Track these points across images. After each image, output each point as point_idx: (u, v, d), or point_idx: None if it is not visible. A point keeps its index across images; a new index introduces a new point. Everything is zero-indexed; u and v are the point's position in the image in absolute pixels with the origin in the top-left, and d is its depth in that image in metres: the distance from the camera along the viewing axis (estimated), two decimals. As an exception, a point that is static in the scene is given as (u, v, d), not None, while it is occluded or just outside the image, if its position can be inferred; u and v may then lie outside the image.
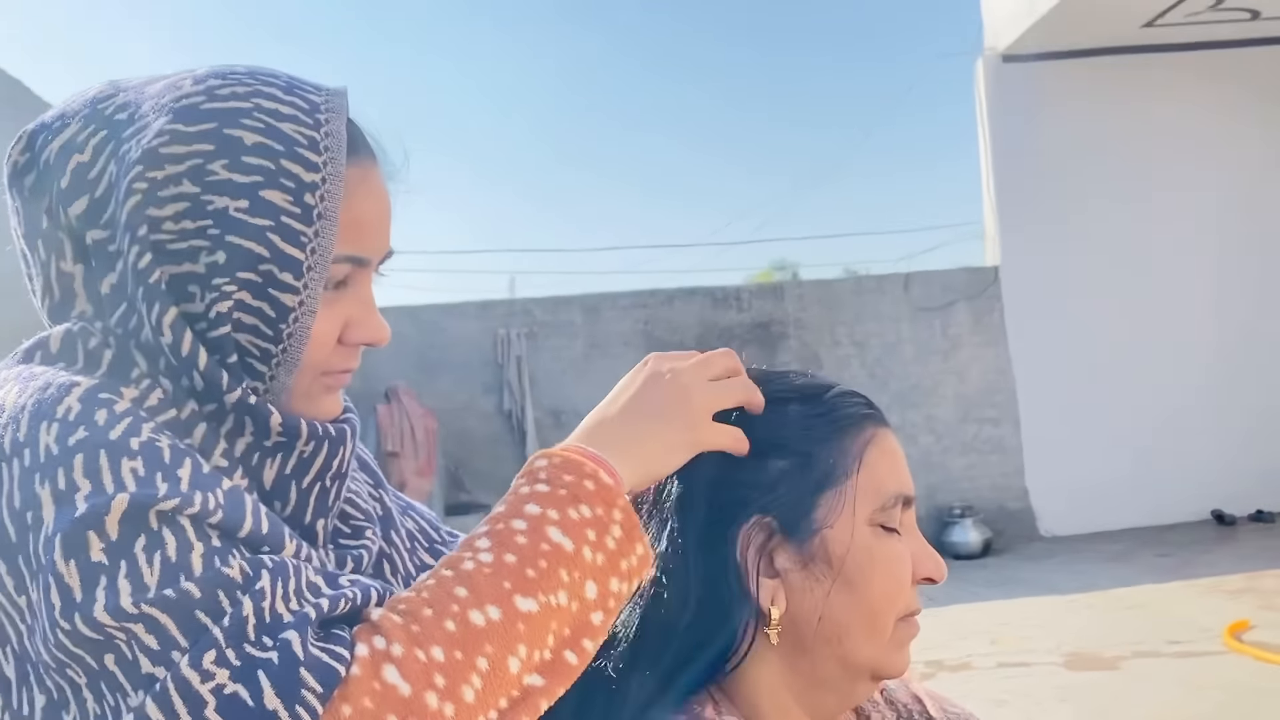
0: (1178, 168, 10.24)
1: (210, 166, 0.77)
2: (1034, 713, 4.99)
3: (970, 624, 6.88)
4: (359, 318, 0.85)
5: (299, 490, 0.84)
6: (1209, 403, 10.09)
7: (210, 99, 0.79)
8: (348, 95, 0.85)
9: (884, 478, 0.92)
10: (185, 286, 0.77)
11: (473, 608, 0.70)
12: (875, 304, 10.40)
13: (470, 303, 10.29)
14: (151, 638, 0.64)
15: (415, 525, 1.05)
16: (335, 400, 0.89)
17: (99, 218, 0.79)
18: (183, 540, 0.67)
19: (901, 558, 0.91)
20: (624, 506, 0.79)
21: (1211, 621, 6.28)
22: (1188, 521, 9.96)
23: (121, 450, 0.69)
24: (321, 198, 0.79)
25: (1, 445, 0.70)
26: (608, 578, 0.77)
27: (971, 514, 9.77)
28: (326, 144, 0.80)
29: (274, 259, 0.77)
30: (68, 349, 0.79)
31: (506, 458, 10.06)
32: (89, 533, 0.66)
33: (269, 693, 0.63)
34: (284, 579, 0.69)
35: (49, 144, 0.81)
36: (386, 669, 0.66)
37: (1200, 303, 10.20)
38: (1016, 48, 10.09)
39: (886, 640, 0.90)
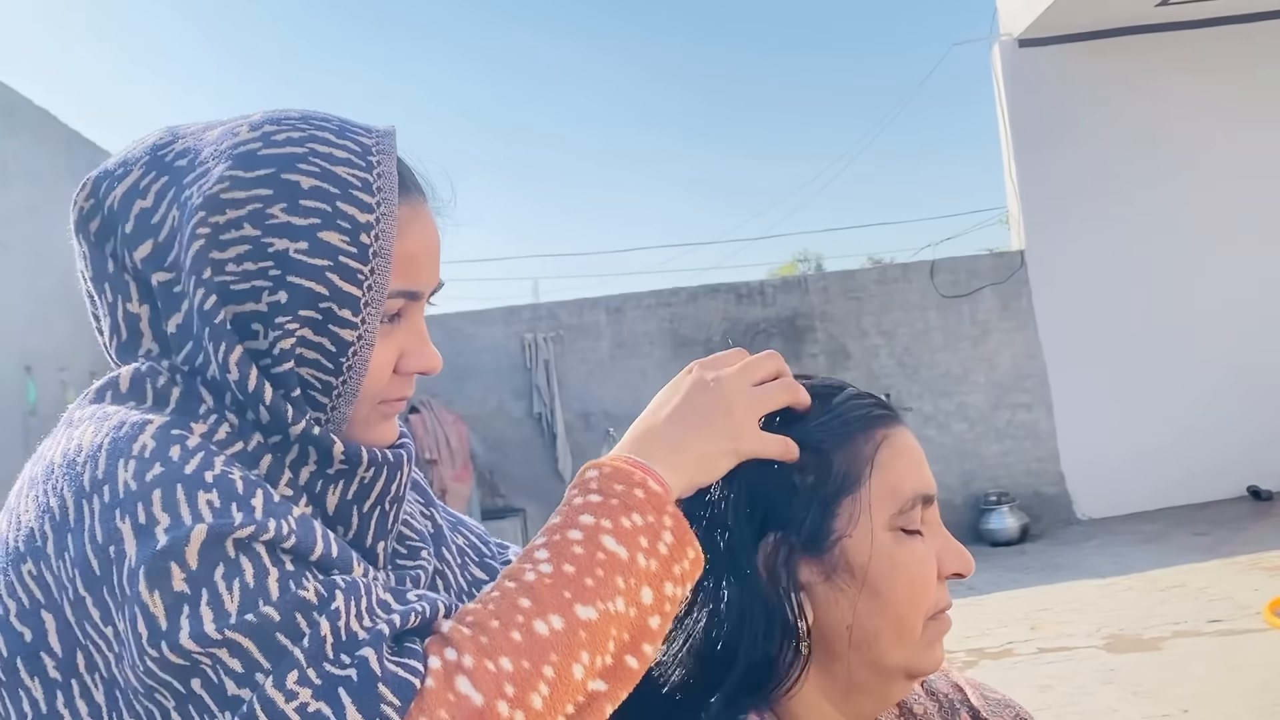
0: (1200, 142, 10.16)
1: (270, 210, 0.80)
2: (1077, 696, 4.99)
3: (1010, 611, 6.87)
4: (413, 348, 0.89)
5: (360, 515, 0.87)
6: (1241, 378, 10.00)
7: (267, 145, 0.82)
8: (395, 135, 0.89)
9: (900, 479, 0.91)
10: (249, 325, 0.81)
11: (537, 617, 0.73)
12: (901, 293, 10.38)
13: (496, 309, 10.34)
14: (236, 661, 0.67)
15: (465, 540, 1.08)
16: (392, 426, 0.92)
17: (163, 260, 0.83)
18: (259, 566, 0.71)
19: (924, 560, 0.90)
20: (673, 513, 0.82)
21: (1251, 599, 6.25)
22: (1224, 499, 9.89)
23: (197, 483, 0.72)
24: (376, 237, 0.82)
25: (81, 483, 0.73)
26: (662, 582, 0.79)
27: (1007, 500, 9.74)
28: (379, 184, 0.84)
29: (333, 297, 0.81)
30: (137, 388, 0.82)
31: (538, 461, 10.10)
32: (171, 564, 0.69)
33: (351, 709, 0.66)
34: (356, 598, 0.73)
35: (113, 190, 0.85)
36: (459, 680, 0.69)
37: (1229, 278, 10.11)
38: (1032, 32, 10.05)
39: (917, 641, 0.90)
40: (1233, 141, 10.18)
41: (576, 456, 10.00)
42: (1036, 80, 10.22)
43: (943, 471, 10.06)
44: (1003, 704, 1.06)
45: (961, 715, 1.03)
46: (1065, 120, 10.18)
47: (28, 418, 8.04)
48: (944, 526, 0.95)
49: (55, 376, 8.49)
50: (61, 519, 0.73)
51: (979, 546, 9.43)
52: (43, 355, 8.37)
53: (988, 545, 9.43)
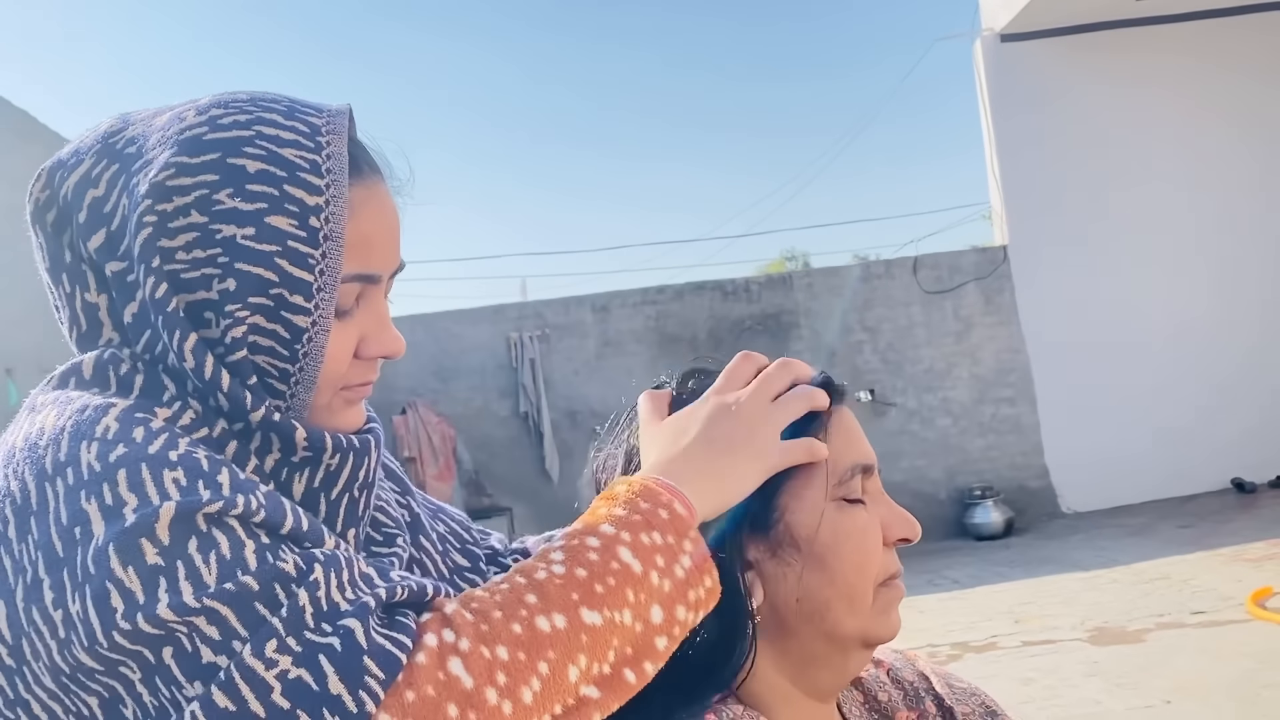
0: (1181, 136, 10.22)
1: (216, 196, 0.79)
2: (1061, 689, 5.00)
3: (995, 604, 6.90)
4: (373, 332, 0.88)
5: (328, 502, 0.86)
6: (1225, 371, 10.06)
7: (213, 129, 0.81)
8: (350, 114, 0.87)
9: (839, 452, 0.92)
10: (201, 313, 0.80)
11: (540, 614, 0.73)
12: (885, 289, 10.40)
13: (483, 308, 10.33)
14: (213, 629, 0.67)
15: (446, 527, 1.07)
16: (358, 412, 0.91)
17: (116, 249, 0.82)
18: (234, 539, 0.70)
19: (867, 527, 0.91)
20: (695, 539, 0.81)
21: (1235, 590, 6.28)
22: (1208, 491, 9.95)
23: (162, 462, 0.72)
24: (326, 220, 0.81)
25: (43, 465, 0.72)
26: (674, 604, 0.78)
27: (992, 494, 9.77)
28: (328, 166, 0.82)
29: (283, 283, 0.79)
30: (100, 375, 0.82)
31: (525, 460, 10.10)
32: (141, 540, 0.68)
33: (333, 677, 0.66)
34: (337, 570, 0.72)
35: (66, 180, 0.84)
36: (452, 661, 0.69)
37: (1212, 270, 10.17)
38: (1014, 27, 10.09)
39: (869, 608, 0.91)
40: (1213, 135, 10.24)
41: (563, 455, 10.00)
42: (1018, 75, 10.25)
43: (927, 466, 10.09)
44: (968, 692, 1.07)
45: (926, 703, 1.03)
46: (1047, 115, 10.22)
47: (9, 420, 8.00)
48: (886, 495, 0.96)
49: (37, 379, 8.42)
50: (23, 503, 0.72)
51: (964, 541, 9.46)
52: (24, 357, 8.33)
53: (972, 539, 9.47)
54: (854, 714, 1.01)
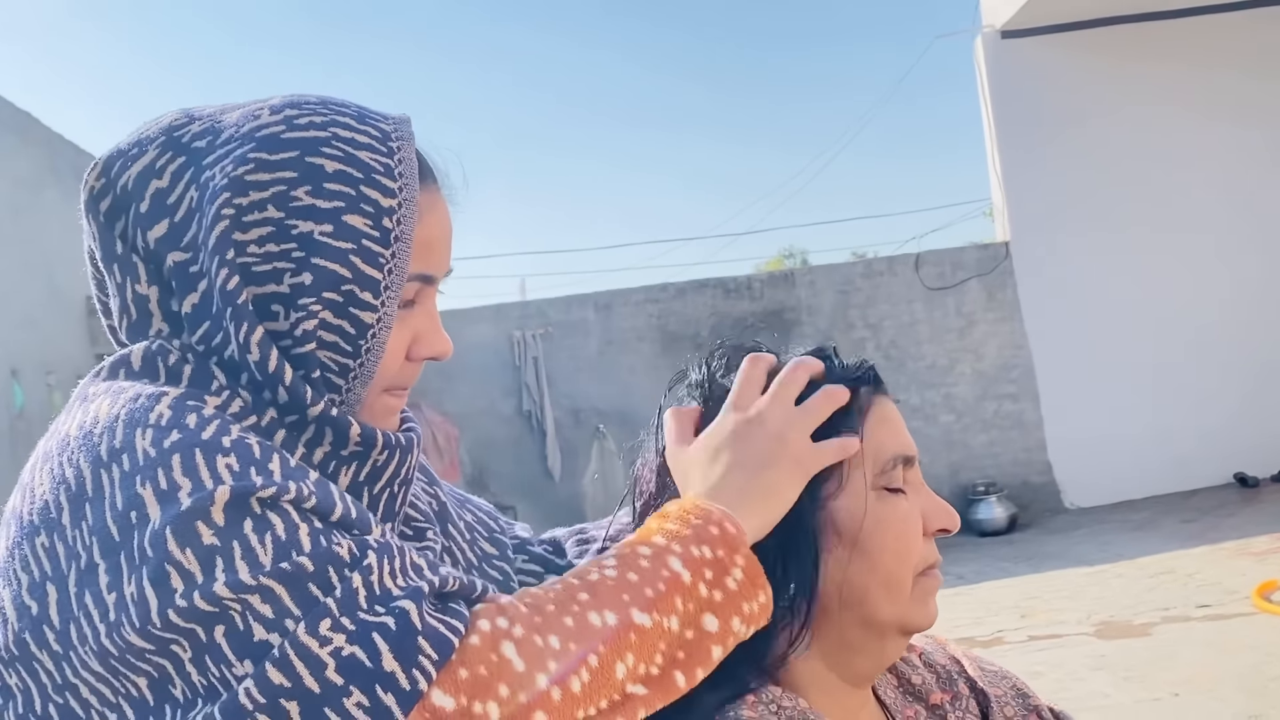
0: (1183, 130, 10.23)
1: (294, 193, 0.82)
2: (1068, 682, 5.02)
3: (1000, 600, 6.91)
4: (426, 333, 0.91)
5: (370, 496, 0.88)
6: (1226, 367, 10.08)
7: (290, 128, 0.84)
8: (411, 122, 0.90)
9: (883, 442, 0.93)
10: (269, 306, 0.82)
11: (592, 610, 0.75)
12: (887, 286, 10.42)
13: (484, 307, 10.34)
14: (267, 607, 0.68)
15: (474, 516, 1.09)
16: (396, 420, 0.94)
17: (179, 240, 0.83)
18: (289, 522, 0.72)
19: (908, 517, 0.93)
20: (747, 555, 0.82)
21: (1239, 584, 6.30)
22: (1211, 486, 9.96)
23: (215, 448, 0.73)
24: (398, 221, 0.84)
25: (99, 453, 0.74)
26: (730, 616, 0.80)
27: (995, 490, 9.79)
28: (400, 170, 0.85)
29: (355, 280, 0.82)
30: (149, 365, 0.83)
31: (528, 458, 10.11)
32: (197, 523, 0.69)
33: (387, 655, 0.67)
34: (390, 557, 0.74)
35: (126, 170, 0.86)
36: (505, 645, 0.71)
37: (1213, 266, 10.18)
38: (1015, 23, 10.10)
39: (908, 596, 0.92)
40: (1215, 130, 10.25)
41: (566, 454, 10.01)
42: (1020, 71, 10.26)
43: (930, 463, 10.10)
44: (999, 675, 1.08)
45: (959, 685, 1.04)
46: (1049, 111, 10.23)
47: (15, 422, 8.02)
48: (927, 486, 0.97)
49: (42, 380, 8.46)
50: (79, 489, 0.73)
51: (968, 537, 9.47)
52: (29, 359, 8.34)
53: (976, 535, 9.48)
54: (888, 697, 1.02)
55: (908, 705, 1.02)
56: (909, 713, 1.01)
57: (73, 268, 8.05)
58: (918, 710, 1.02)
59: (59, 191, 8.95)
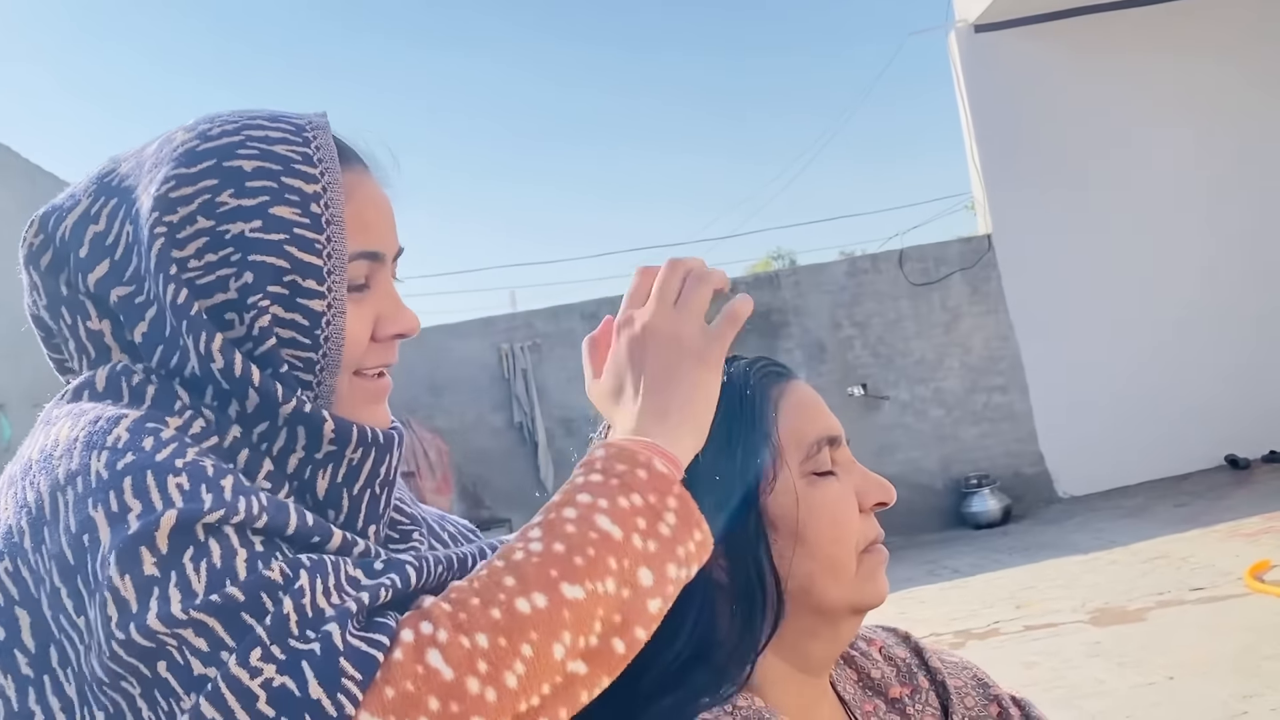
0: (1160, 116, 10.28)
1: (219, 199, 0.83)
2: (1064, 670, 5.03)
3: (995, 591, 6.93)
4: (388, 312, 0.91)
5: (350, 498, 0.88)
6: (1213, 349, 10.12)
7: (204, 140, 0.85)
8: (327, 115, 0.92)
9: (802, 427, 0.94)
10: (222, 315, 0.83)
11: (519, 595, 0.73)
12: (872, 283, 10.44)
13: (472, 321, 10.35)
14: (201, 640, 0.68)
15: (455, 529, 1.10)
16: (383, 411, 0.93)
17: (122, 275, 0.85)
18: (227, 548, 0.72)
19: (840, 497, 0.93)
20: (679, 494, 0.80)
21: (1232, 565, 6.32)
22: (1202, 469, 10.00)
23: (167, 469, 0.74)
24: (326, 205, 0.85)
25: (56, 476, 0.75)
26: (664, 564, 0.78)
27: (988, 483, 9.81)
28: (319, 155, 0.87)
29: (295, 269, 0.83)
30: (113, 386, 0.84)
31: (521, 470, 10.11)
32: (141, 548, 0.70)
33: (313, 683, 0.67)
34: (323, 576, 0.73)
35: (63, 222, 0.87)
36: (430, 653, 0.70)
37: (1196, 250, 10.23)
38: (987, 17, 10.14)
39: (853, 576, 0.93)
40: (1190, 115, 10.30)
41: (559, 464, 10.01)
42: (994, 65, 10.31)
43: (922, 458, 10.12)
44: (960, 666, 1.09)
45: (919, 678, 1.05)
46: (1025, 103, 10.27)
47: (2, 455, 8.00)
48: (857, 463, 0.97)
49: (29, 413, 8.42)
50: (38, 513, 0.74)
51: (962, 530, 9.50)
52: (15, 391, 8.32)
53: (970, 528, 9.50)
54: (848, 692, 1.02)
55: (867, 700, 1.03)
56: (868, 707, 1.02)
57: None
58: (877, 704, 1.03)
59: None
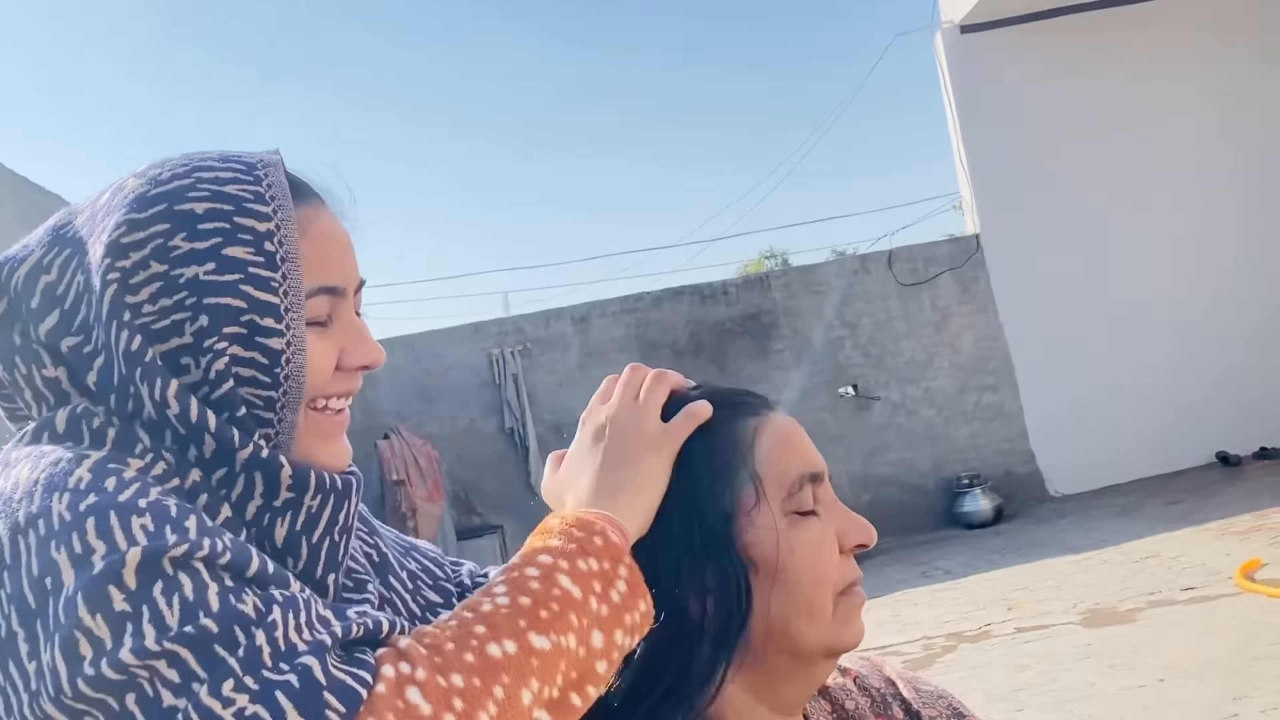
0: (1146, 114, 10.31)
1: (171, 243, 0.82)
2: (1055, 673, 5.03)
3: (987, 593, 6.93)
4: (351, 344, 0.90)
5: (310, 546, 0.88)
6: (1203, 346, 10.14)
7: (155, 185, 0.85)
8: (280, 153, 0.91)
9: (783, 464, 0.91)
10: (178, 360, 0.82)
11: (491, 641, 0.74)
12: (862, 283, 10.45)
13: (462, 326, 10.33)
14: (173, 672, 0.68)
15: (417, 565, 1.08)
16: (342, 448, 0.93)
17: (70, 325, 0.84)
18: (198, 581, 0.71)
19: (821, 539, 0.90)
20: (629, 564, 0.83)
21: (1223, 564, 6.33)
22: (1194, 467, 10.02)
23: (130, 509, 0.73)
24: (280, 242, 0.84)
25: (16, 519, 0.74)
26: (613, 629, 0.80)
27: (980, 482, 9.81)
28: (271, 193, 0.86)
29: (252, 308, 0.82)
30: (73, 428, 0.83)
31: (512, 476, 10.09)
32: (109, 587, 0.69)
33: (291, 712, 0.66)
34: (295, 612, 0.73)
35: (15, 272, 0.87)
36: (410, 690, 0.70)
37: (1182, 246, 10.25)
38: (973, 18, 10.16)
39: (829, 619, 0.90)
40: (1177, 111, 10.32)
41: (550, 469, 9.99)
42: (980, 65, 10.32)
43: (914, 457, 10.12)
44: (935, 695, 1.07)
45: (894, 709, 1.04)
46: (1011, 102, 10.29)
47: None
48: (840, 502, 0.95)
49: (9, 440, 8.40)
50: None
51: (954, 530, 9.50)
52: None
53: (963, 528, 9.50)
54: (821, 724, 1.01)
55: (841, 732, 1.02)
56: (842, 740, 1.01)
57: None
58: (851, 736, 1.02)
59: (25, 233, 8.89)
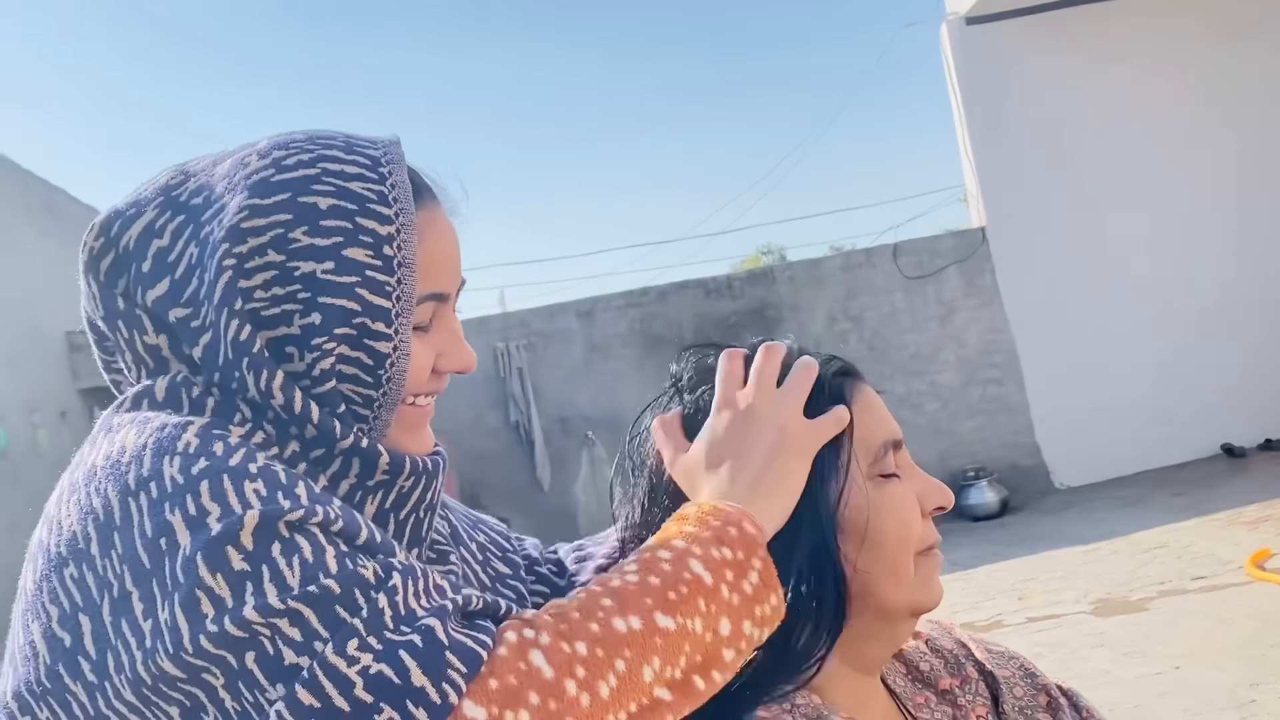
0: (1151, 106, 10.29)
1: (292, 235, 0.82)
2: (1069, 661, 5.04)
3: (997, 583, 6.94)
4: (449, 349, 0.91)
5: (396, 522, 0.89)
6: (1208, 338, 10.14)
7: (279, 170, 0.84)
8: (401, 144, 0.90)
9: (870, 430, 0.94)
10: (284, 349, 0.83)
11: (616, 615, 0.75)
12: (867, 277, 10.45)
13: (467, 320, 10.32)
14: (295, 630, 0.69)
15: (486, 537, 1.09)
16: (427, 435, 0.94)
17: (180, 297, 0.84)
18: (316, 544, 0.73)
19: (905, 501, 0.94)
20: (764, 557, 0.82)
21: (1233, 554, 6.34)
22: (1199, 458, 10.02)
23: (242, 474, 0.74)
24: (399, 247, 0.85)
25: (126, 482, 0.75)
26: (742, 619, 0.80)
27: (985, 475, 9.82)
28: (395, 195, 0.86)
29: (365, 312, 0.83)
30: (173, 396, 0.84)
31: (519, 470, 10.10)
32: (227, 548, 0.70)
33: (416, 671, 0.67)
34: (414, 579, 0.74)
35: (126, 230, 0.87)
36: (533, 653, 0.71)
37: (1187, 237, 10.25)
38: (978, 9, 10.15)
39: (911, 578, 0.93)
40: (1182, 104, 10.31)
41: (555, 462, 10.01)
42: (986, 57, 10.31)
43: (919, 451, 10.01)
44: (1007, 656, 1.09)
45: (967, 669, 1.05)
46: (1017, 94, 10.28)
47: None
48: (917, 466, 0.98)
49: (25, 419, 8.41)
50: (106, 519, 0.74)
51: (961, 522, 9.50)
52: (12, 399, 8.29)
53: (968, 520, 9.51)
54: (898, 685, 1.02)
55: (917, 692, 1.03)
56: (919, 699, 1.02)
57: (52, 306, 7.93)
58: (928, 696, 1.03)
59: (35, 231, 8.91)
